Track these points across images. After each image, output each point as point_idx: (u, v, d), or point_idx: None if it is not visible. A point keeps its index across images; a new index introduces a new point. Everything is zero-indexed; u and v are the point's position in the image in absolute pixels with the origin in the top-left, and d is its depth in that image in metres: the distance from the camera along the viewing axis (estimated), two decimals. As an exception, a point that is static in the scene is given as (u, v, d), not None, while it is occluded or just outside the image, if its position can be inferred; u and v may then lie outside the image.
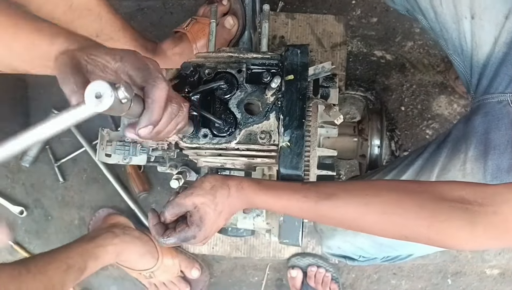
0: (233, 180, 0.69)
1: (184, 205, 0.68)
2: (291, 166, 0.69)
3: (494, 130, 0.86)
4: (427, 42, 1.41)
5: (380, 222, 0.62)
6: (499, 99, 0.88)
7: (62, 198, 1.44)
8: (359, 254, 1.01)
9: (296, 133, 0.68)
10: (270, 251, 1.39)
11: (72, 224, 1.44)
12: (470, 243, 0.60)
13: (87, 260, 1.07)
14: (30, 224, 1.44)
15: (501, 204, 0.57)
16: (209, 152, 0.74)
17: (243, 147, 0.71)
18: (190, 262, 1.34)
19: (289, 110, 0.69)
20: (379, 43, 1.42)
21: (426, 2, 0.90)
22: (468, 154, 0.88)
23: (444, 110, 1.41)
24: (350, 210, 0.63)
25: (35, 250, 1.44)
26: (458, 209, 0.58)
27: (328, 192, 0.64)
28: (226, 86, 0.69)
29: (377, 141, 1.02)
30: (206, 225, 0.68)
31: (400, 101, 1.42)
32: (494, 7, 0.84)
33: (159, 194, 1.43)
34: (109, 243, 1.16)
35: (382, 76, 1.42)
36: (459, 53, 0.94)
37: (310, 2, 1.43)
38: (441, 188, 0.62)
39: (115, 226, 1.26)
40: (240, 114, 0.70)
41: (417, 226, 0.60)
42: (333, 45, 1.39)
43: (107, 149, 0.70)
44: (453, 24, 0.90)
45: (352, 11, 1.43)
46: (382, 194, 0.63)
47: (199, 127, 0.70)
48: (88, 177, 1.44)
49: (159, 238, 0.69)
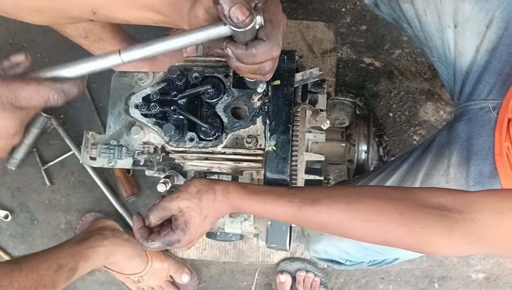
0: (219, 185, 0.69)
1: (169, 209, 0.68)
2: (277, 171, 0.69)
3: (476, 136, 0.88)
4: (414, 50, 1.44)
5: (362, 228, 0.64)
6: (481, 106, 0.90)
7: (49, 202, 1.43)
8: (345, 258, 1.01)
9: (282, 138, 0.69)
10: (259, 256, 1.39)
11: (58, 228, 1.43)
12: (449, 249, 0.61)
13: (78, 261, 1.06)
14: (15, 228, 1.42)
15: (478, 212, 0.59)
16: (196, 156, 0.74)
17: (230, 151, 0.71)
18: (179, 267, 1.33)
19: (275, 115, 0.69)
20: (368, 50, 1.44)
21: (411, 11, 0.92)
22: (451, 159, 0.89)
23: (431, 117, 1.43)
24: (333, 216, 0.64)
25: (20, 255, 1.42)
26: (437, 215, 0.60)
27: (312, 198, 0.65)
28: (213, 91, 0.70)
29: (364, 146, 1.03)
30: (191, 229, 0.68)
31: (388, 107, 1.44)
32: (476, 17, 0.86)
33: (148, 198, 1.42)
34: (100, 245, 1.15)
35: (371, 82, 1.44)
36: (443, 60, 0.96)
37: (301, 9, 1.44)
38: (421, 195, 0.63)
39: (104, 229, 1.25)
40: (226, 118, 0.70)
41: (398, 233, 0.62)
42: (324, 52, 1.41)
43: (92, 152, 0.70)
44: (437, 33, 0.92)
45: (342, 19, 1.45)
46: (364, 201, 0.64)
47: (186, 130, 0.70)
48: (75, 181, 1.43)
49: (143, 242, 0.69)
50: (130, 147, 0.71)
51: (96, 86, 1.43)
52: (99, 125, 1.40)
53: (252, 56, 0.52)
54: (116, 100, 0.73)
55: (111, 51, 0.51)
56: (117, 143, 0.72)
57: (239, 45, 0.52)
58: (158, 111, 0.68)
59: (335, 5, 1.45)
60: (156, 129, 0.70)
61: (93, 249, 1.13)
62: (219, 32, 0.50)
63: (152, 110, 0.68)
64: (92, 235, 1.18)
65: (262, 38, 0.52)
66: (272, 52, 0.53)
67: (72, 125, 1.41)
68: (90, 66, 0.51)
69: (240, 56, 0.53)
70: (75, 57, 0.54)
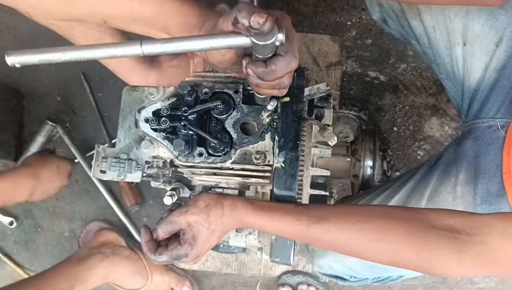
0: (227, 200, 0.69)
1: (178, 223, 0.68)
2: (285, 187, 0.69)
3: (484, 155, 0.88)
4: (420, 64, 1.44)
5: (370, 248, 0.63)
6: (489, 124, 0.90)
7: (53, 209, 1.43)
8: (350, 274, 1.01)
9: (290, 155, 0.69)
10: (261, 268, 1.38)
11: (62, 236, 1.42)
12: (457, 271, 0.61)
13: (74, 284, 1.06)
14: (20, 235, 1.42)
15: (487, 235, 0.59)
16: (204, 171, 0.74)
17: (238, 167, 0.71)
18: (180, 279, 1.33)
19: (284, 132, 0.69)
20: (373, 64, 1.45)
21: (420, 28, 0.93)
22: (458, 177, 0.89)
23: (436, 132, 1.44)
24: (341, 235, 0.64)
25: (23, 262, 1.42)
26: (446, 237, 0.60)
27: (320, 216, 0.65)
28: (222, 106, 0.70)
29: (370, 162, 1.03)
30: (199, 243, 0.68)
31: (393, 121, 1.44)
32: (485, 35, 0.86)
33: (151, 208, 1.42)
34: (98, 266, 1.15)
35: (376, 96, 1.45)
36: (451, 78, 0.96)
37: (306, 21, 1.45)
38: (430, 216, 0.63)
39: (104, 245, 1.25)
40: (235, 134, 0.71)
41: (407, 254, 0.61)
42: (328, 65, 1.41)
43: (102, 166, 0.70)
44: (445, 50, 0.92)
45: (347, 32, 1.46)
46: (373, 221, 0.64)
47: (195, 146, 0.70)
48: (80, 189, 1.43)
49: (150, 255, 0.69)
50: (140, 160, 0.72)
51: (102, 95, 1.44)
52: (104, 135, 1.41)
53: (273, 72, 0.55)
54: (127, 114, 0.73)
55: (133, 40, 0.52)
56: (127, 156, 0.72)
57: (258, 63, 0.54)
58: (168, 126, 0.69)
59: (341, 18, 1.46)
60: (166, 144, 0.70)
61: (91, 271, 1.13)
62: (241, 42, 0.51)
63: (163, 125, 0.68)
64: (91, 254, 1.18)
65: (280, 54, 0.54)
66: (291, 65, 0.55)
67: (78, 134, 1.42)
68: (111, 51, 0.51)
69: (261, 74, 0.55)
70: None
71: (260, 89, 0.61)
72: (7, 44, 1.43)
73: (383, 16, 1.02)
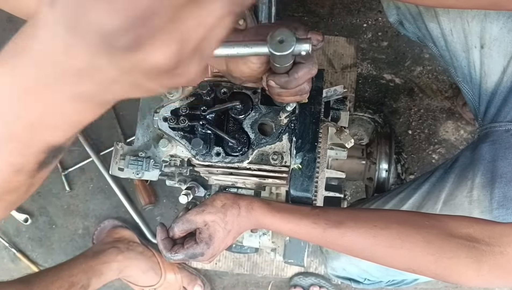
0: (244, 200, 0.70)
1: (195, 222, 0.69)
2: (301, 189, 0.69)
3: (501, 159, 0.87)
4: (436, 68, 1.43)
5: (387, 254, 0.63)
6: (507, 128, 0.89)
7: (68, 207, 1.45)
8: (364, 277, 1.00)
9: (308, 156, 0.69)
10: (273, 269, 1.38)
11: (76, 233, 1.44)
12: (475, 280, 0.61)
13: (91, 277, 1.07)
14: (34, 231, 1.44)
15: (507, 245, 0.58)
16: (221, 171, 0.75)
17: (255, 167, 0.72)
18: (192, 278, 1.34)
19: (302, 133, 0.70)
20: (388, 67, 1.44)
21: (437, 31, 0.92)
22: (475, 181, 0.88)
23: (451, 136, 1.42)
24: (358, 240, 0.64)
25: (37, 258, 1.44)
26: (465, 246, 0.59)
27: (337, 220, 0.65)
28: (241, 107, 0.70)
29: (385, 165, 1.02)
30: (215, 243, 0.68)
31: (408, 124, 1.43)
32: (504, 38, 0.85)
33: (165, 207, 1.43)
34: (113, 260, 1.16)
35: (391, 99, 1.44)
36: (468, 81, 0.95)
37: (322, 23, 1.45)
38: (449, 224, 0.62)
39: (119, 241, 1.26)
40: (253, 134, 0.71)
41: (424, 261, 0.61)
42: (344, 67, 1.41)
43: (120, 163, 0.71)
44: (462, 53, 0.91)
45: (363, 34, 1.45)
46: (390, 227, 0.63)
47: (213, 145, 0.71)
48: (94, 187, 1.45)
49: (166, 253, 0.70)
50: (158, 159, 0.72)
51: (118, 94, 1.45)
52: (119, 133, 1.42)
53: (296, 80, 0.56)
54: (145, 112, 0.74)
55: None
56: (145, 155, 0.72)
57: (279, 75, 0.56)
58: (186, 125, 0.69)
59: (357, 20, 1.45)
60: (184, 143, 0.71)
61: (107, 265, 1.14)
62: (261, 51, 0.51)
63: (181, 124, 0.69)
64: (106, 248, 1.19)
65: (301, 61, 0.55)
66: (312, 71, 0.56)
67: (92, 132, 1.43)
68: None
69: (284, 83, 0.56)
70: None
71: (282, 97, 0.62)
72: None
73: (399, 19, 1.01)
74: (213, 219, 0.68)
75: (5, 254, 1.44)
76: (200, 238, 0.68)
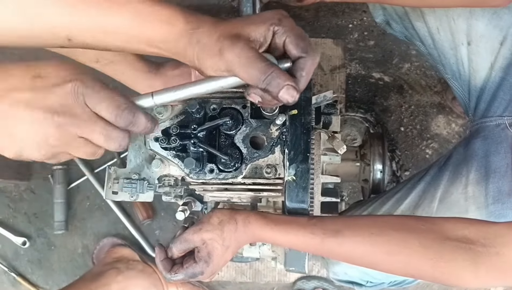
0: (240, 215, 0.70)
1: (192, 241, 0.69)
2: (297, 200, 0.69)
3: (493, 154, 0.88)
4: (423, 63, 1.44)
5: (385, 261, 0.64)
6: (497, 122, 0.90)
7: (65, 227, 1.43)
8: (366, 280, 1.01)
9: (301, 167, 0.69)
10: (276, 275, 1.38)
11: (75, 252, 1.43)
12: (473, 282, 0.61)
13: None
14: (33, 254, 1.43)
15: (502, 246, 0.59)
16: (216, 187, 0.74)
17: (249, 181, 0.72)
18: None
19: (294, 144, 0.70)
20: (377, 65, 1.45)
21: (424, 30, 0.93)
22: (469, 177, 0.89)
23: (443, 130, 1.43)
24: (355, 248, 0.64)
25: (38, 281, 1.43)
26: (462, 249, 0.60)
27: (334, 229, 0.65)
28: (231, 122, 0.70)
29: (380, 165, 1.02)
30: (214, 260, 0.68)
31: (400, 121, 1.44)
32: (490, 34, 0.86)
33: (163, 220, 1.43)
34: (113, 281, 1.15)
35: (381, 97, 1.44)
36: (457, 77, 0.95)
37: (308, 26, 1.45)
38: (444, 227, 0.63)
39: (119, 261, 1.25)
40: (245, 149, 0.71)
41: (422, 266, 0.61)
42: (332, 68, 1.41)
43: (114, 187, 0.71)
44: (450, 50, 0.92)
45: (349, 35, 1.46)
46: (387, 233, 0.64)
47: (205, 162, 0.70)
48: (91, 205, 1.44)
49: (166, 274, 0.69)
50: (151, 180, 0.72)
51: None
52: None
53: (304, 78, 0.53)
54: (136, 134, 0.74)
55: (144, 94, 0.53)
56: (139, 176, 0.72)
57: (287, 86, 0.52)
58: (178, 144, 0.69)
59: (342, 21, 1.46)
60: (176, 162, 0.70)
61: (107, 287, 1.13)
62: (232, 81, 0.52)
63: (173, 144, 0.68)
64: (106, 270, 1.18)
65: (302, 56, 0.53)
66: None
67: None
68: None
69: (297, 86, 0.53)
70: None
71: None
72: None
73: (386, 19, 1.01)
74: (210, 237, 0.68)
75: (5, 278, 1.42)
76: (199, 257, 0.68)
